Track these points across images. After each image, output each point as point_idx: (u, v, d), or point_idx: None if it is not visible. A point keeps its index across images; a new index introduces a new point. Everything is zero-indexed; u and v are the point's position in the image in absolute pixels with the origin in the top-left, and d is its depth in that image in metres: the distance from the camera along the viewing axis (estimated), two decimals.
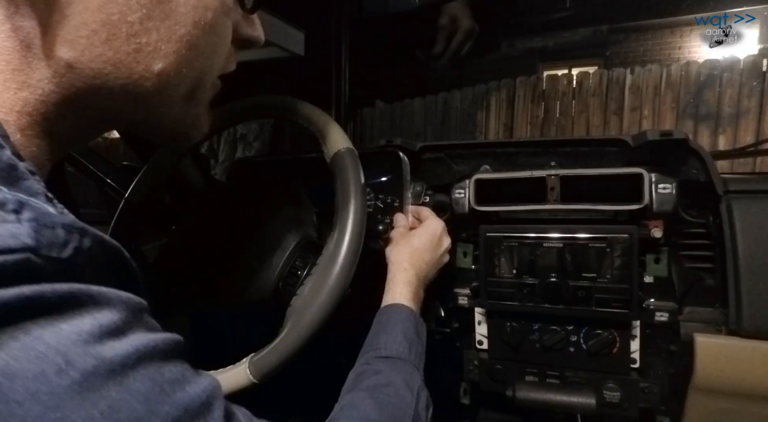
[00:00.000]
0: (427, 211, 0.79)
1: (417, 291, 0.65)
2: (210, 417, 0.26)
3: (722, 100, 3.14)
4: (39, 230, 0.21)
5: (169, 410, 0.23)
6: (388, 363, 0.53)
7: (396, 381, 0.51)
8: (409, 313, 0.60)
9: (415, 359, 0.56)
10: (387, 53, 3.71)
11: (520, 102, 3.83)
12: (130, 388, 0.22)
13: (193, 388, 0.25)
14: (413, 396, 0.50)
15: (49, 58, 0.27)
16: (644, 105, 3.38)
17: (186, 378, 0.26)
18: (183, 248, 0.69)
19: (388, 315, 0.60)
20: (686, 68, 3.26)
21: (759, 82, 3.04)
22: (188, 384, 0.25)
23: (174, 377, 0.25)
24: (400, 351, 0.55)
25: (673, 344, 0.76)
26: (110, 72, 0.28)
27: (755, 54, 3.25)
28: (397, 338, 0.56)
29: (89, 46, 0.27)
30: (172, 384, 0.24)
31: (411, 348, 0.56)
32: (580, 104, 3.60)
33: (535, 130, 3.75)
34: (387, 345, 0.55)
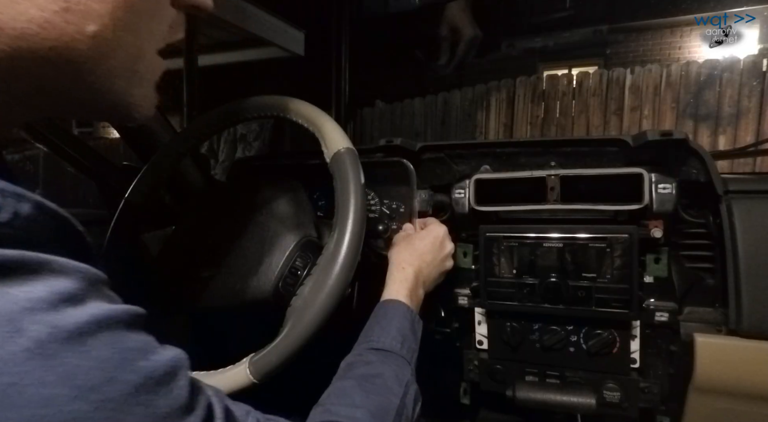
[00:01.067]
0: (433, 220, 0.81)
1: (414, 290, 0.66)
2: (174, 386, 0.26)
3: (722, 100, 3.14)
4: None
5: (130, 377, 0.23)
6: (379, 355, 0.55)
7: (385, 373, 0.52)
8: (405, 309, 0.61)
9: (407, 353, 0.56)
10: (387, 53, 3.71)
11: (520, 102, 3.83)
12: (89, 355, 0.22)
13: (158, 357, 0.25)
14: (401, 387, 0.51)
15: None
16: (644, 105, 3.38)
17: (150, 348, 0.26)
18: (183, 248, 0.69)
19: (385, 310, 0.61)
20: (686, 68, 3.26)
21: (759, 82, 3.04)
22: (152, 353, 0.25)
23: (137, 346, 0.25)
24: (393, 344, 0.56)
25: (673, 344, 0.76)
26: (36, 32, 0.25)
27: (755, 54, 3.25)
28: (391, 332, 0.57)
29: (9, 3, 0.24)
30: (134, 352, 0.24)
31: (404, 343, 0.57)
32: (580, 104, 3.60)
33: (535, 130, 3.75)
34: (380, 338, 0.56)
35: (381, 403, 0.48)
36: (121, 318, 0.25)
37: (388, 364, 0.54)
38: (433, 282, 0.72)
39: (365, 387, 0.49)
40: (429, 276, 0.70)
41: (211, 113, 0.71)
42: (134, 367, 0.24)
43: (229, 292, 0.61)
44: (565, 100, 3.67)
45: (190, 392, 0.27)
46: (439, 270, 0.73)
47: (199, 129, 0.73)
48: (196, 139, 0.75)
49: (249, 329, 0.88)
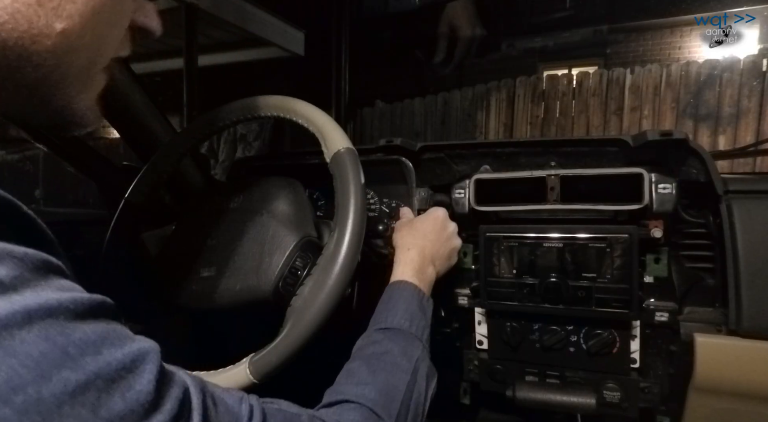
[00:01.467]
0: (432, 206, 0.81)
1: (421, 269, 0.65)
2: (134, 382, 0.23)
3: (722, 100, 3.14)
4: None
5: (70, 375, 0.21)
6: (387, 334, 0.55)
7: (393, 350, 0.52)
8: (412, 289, 0.61)
9: (416, 331, 0.56)
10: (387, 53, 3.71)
11: (520, 102, 3.83)
12: (16, 351, 0.20)
13: (114, 351, 0.23)
14: (410, 363, 0.51)
15: None
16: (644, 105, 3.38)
17: (106, 341, 0.23)
18: (183, 248, 0.69)
19: (391, 293, 0.61)
20: (686, 68, 3.27)
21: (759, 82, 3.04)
22: (107, 346, 0.23)
23: (86, 338, 0.22)
24: (400, 323, 0.56)
25: (673, 344, 0.76)
26: (6, 21, 0.26)
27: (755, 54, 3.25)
28: (398, 312, 0.57)
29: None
30: (79, 347, 0.22)
31: (412, 321, 0.57)
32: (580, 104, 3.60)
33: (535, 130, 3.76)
34: (388, 319, 0.57)
35: (388, 379, 0.48)
36: (66, 308, 0.22)
37: (395, 342, 0.54)
38: (442, 261, 0.71)
39: (372, 365, 0.50)
40: (437, 255, 0.70)
41: (211, 113, 0.71)
42: (78, 364, 0.21)
43: (229, 292, 0.61)
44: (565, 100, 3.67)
45: (155, 388, 0.24)
46: (446, 248, 0.72)
47: (199, 129, 0.73)
48: (196, 139, 0.75)
49: (249, 329, 0.88)
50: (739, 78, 3.09)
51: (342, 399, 0.45)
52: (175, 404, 0.26)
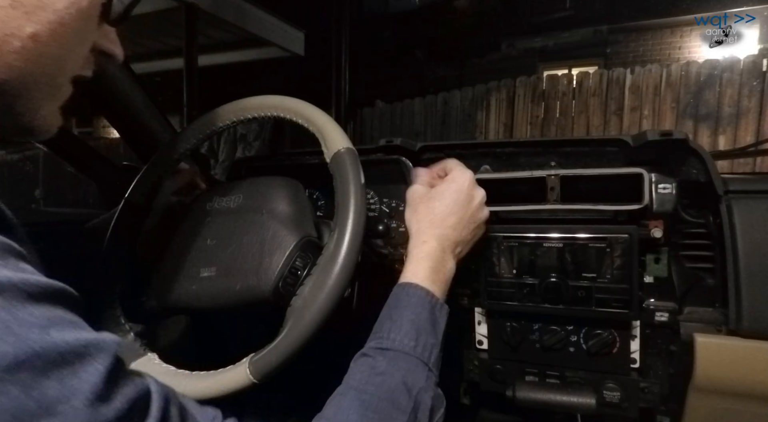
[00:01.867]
0: (453, 162, 0.68)
1: (439, 266, 0.56)
2: (80, 370, 0.23)
3: (722, 100, 3.14)
4: None
5: (7, 349, 0.21)
6: (387, 357, 0.47)
7: (390, 382, 0.45)
8: (423, 296, 0.53)
9: (422, 353, 0.48)
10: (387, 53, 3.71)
11: (520, 102, 3.83)
12: None
13: (62, 335, 0.23)
14: (410, 400, 0.45)
15: None
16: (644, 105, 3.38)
17: (54, 324, 0.23)
18: (183, 248, 0.69)
19: (398, 298, 0.53)
20: (686, 68, 3.27)
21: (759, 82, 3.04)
22: (56, 330, 0.23)
23: (32, 319, 0.22)
24: (404, 343, 0.48)
25: (673, 344, 0.76)
26: None
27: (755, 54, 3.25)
28: (403, 327, 0.49)
29: None
30: (24, 325, 0.22)
31: (418, 340, 0.49)
32: (580, 104, 3.60)
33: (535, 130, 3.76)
34: (390, 335, 0.49)
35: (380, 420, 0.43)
36: (16, 286, 0.23)
37: (395, 369, 0.46)
38: (467, 245, 0.62)
39: (364, 403, 0.43)
40: (459, 241, 0.60)
41: (211, 113, 0.71)
42: (18, 340, 0.21)
43: (229, 292, 0.61)
44: (565, 100, 3.67)
45: (104, 381, 0.24)
46: (470, 230, 0.61)
47: (199, 129, 0.73)
48: (196, 139, 0.75)
49: (249, 329, 0.88)
50: (739, 78, 3.09)
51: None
52: (125, 403, 0.25)
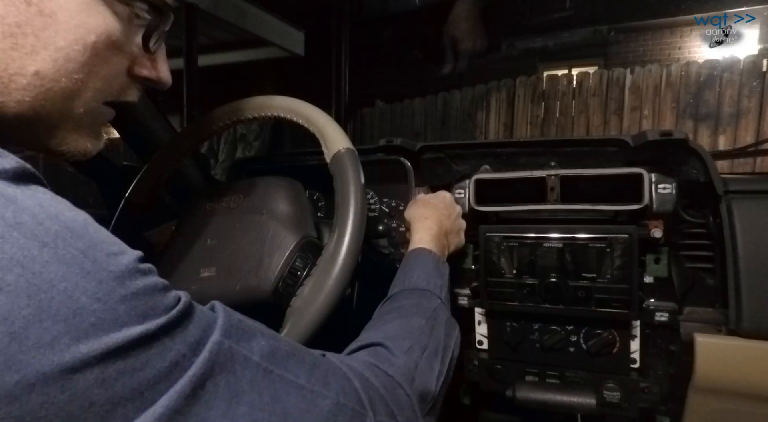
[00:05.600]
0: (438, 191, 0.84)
1: (438, 237, 0.68)
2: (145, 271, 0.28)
3: (722, 100, 3.14)
4: None
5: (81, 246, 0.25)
6: (403, 293, 0.57)
7: (409, 303, 0.55)
8: (427, 254, 0.64)
9: (434, 288, 0.58)
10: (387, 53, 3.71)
11: (520, 102, 3.83)
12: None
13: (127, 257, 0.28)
14: (426, 311, 0.53)
15: None
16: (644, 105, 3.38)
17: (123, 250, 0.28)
18: (183, 248, 0.69)
19: (408, 260, 0.63)
20: (686, 68, 3.26)
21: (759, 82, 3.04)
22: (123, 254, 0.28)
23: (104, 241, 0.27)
24: (417, 283, 0.58)
25: (673, 344, 0.76)
26: None
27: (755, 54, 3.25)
28: (414, 275, 0.60)
29: None
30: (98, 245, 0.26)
31: (429, 281, 0.59)
32: (580, 104, 3.60)
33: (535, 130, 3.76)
34: (405, 281, 0.59)
35: (402, 322, 0.50)
36: None
37: (412, 298, 0.56)
38: (454, 236, 0.74)
39: (387, 316, 0.53)
40: (450, 228, 0.73)
41: (211, 113, 0.71)
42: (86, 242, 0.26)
43: (229, 292, 0.61)
44: (565, 100, 3.67)
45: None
46: (457, 225, 0.75)
47: (199, 129, 0.73)
48: (196, 139, 0.75)
49: None
50: (739, 78, 3.09)
51: (355, 348, 0.47)
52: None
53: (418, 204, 0.75)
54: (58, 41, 0.32)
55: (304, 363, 0.33)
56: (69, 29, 0.32)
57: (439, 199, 0.76)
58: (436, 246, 0.66)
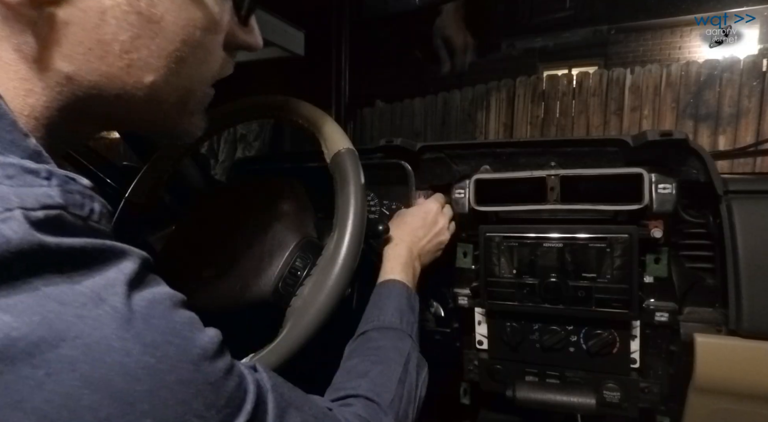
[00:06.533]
0: (432, 197, 0.84)
1: (409, 264, 0.68)
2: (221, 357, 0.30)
3: (722, 100, 3.14)
4: (65, 193, 0.26)
5: (185, 335, 0.28)
6: (379, 332, 0.58)
7: (385, 345, 0.56)
8: (400, 286, 0.64)
9: (406, 327, 0.59)
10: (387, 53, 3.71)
11: (520, 102, 3.83)
12: (151, 323, 0.27)
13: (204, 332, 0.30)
14: (401, 357, 0.55)
15: (50, 71, 0.30)
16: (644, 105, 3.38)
17: (196, 323, 0.30)
18: (183, 248, 0.69)
19: (380, 292, 0.63)
20: (686, 68, 3.26)
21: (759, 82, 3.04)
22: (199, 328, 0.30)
23: (184, 319, 0.29)
24: (391, 321, 0.59)
25: (673, 344, 0.76)
26: (105, 84, 0.32)
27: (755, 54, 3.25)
28: (389, 310, 0.60)
29: (86, 62, 0.31)
30: (183, 321, 0.29)
31: (402, 318, 0.59)
32: (580, 104, 3.60)
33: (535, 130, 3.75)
34: (379, 317, 0.59)
35: (382, 371, 0.52)
36: (168, 297, 0.29)
37: (387, 338, 0.57)
38: (428, 256, 0.74)
39: (366, 359, 0.53)
40: (423, 250, 0.73)
41: (211, 113, 0.71)
42: (184, 334, 0.28)
43: (229, 292, 0.61)
44: (565, 100, 3.67)
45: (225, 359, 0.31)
46: (433, 244, 0.75)
47: None
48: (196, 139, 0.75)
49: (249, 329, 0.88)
50: (739, 78, 3.09)
51: (342, 395, 0.48)
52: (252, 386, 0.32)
53: (393, 224, 0.74)
54: (168, 47, 0.33)
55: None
56: (177, 32, 0.33)
57: (417, 217, 0.75)
58: (406, 275, 0.66)
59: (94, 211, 0.28)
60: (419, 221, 0.75)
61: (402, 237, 0.71)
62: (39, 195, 0.25)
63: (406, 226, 0.73)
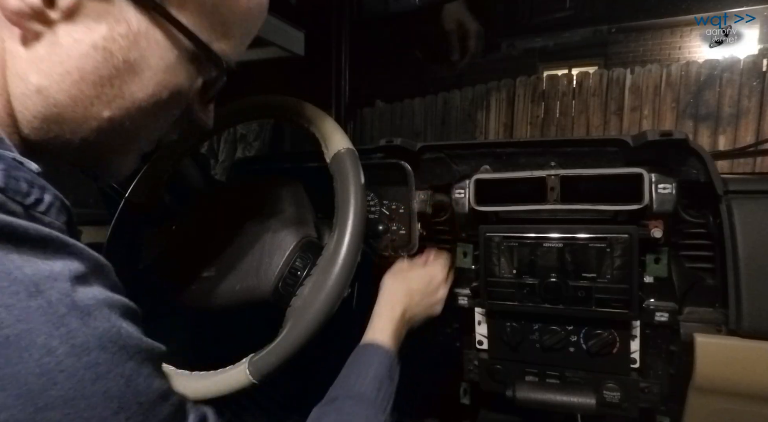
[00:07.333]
0: (440, 258, 0.79)
1: (399, 330, 0.65)
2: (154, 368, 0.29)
3: (722, 100, 3.14)
4: (8, 178, 0.26)
5: (124, 344, 0.27)
6: (352, 403, 0.53)
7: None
8: (385, 352, 0.60)
9: (381, 401, 0.55)
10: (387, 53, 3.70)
11: (520, 102, 3.83)
12: (89, 324, 0.25)
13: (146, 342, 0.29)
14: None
15: (21, 80, 0.33)
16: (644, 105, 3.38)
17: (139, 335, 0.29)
18: (183, 248, 0.69)
19: (364, 354, 0.60)
20: (686, 68, 3.26)
21: (759, 82, 3.04)
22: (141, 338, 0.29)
23: (129, 331, 0.28)
24: (368, 392, 0.54)
25: (673, 344, 0.76)
26: (68, 105, 0.34)
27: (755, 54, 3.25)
28: (368, 378, 0.56)
29: (60, 81, 0.33)
30: (127, 332, 0.28)
31: (380, 389, 0.55)
32: (580, 104, 3.60)
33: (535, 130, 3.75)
34: (356, 385, 0.55)
35: None
36: (118, 303, 0.28)
37: (359, 417, 0.53)
38: (417, 323, 0.71)
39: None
40: (414, 317, 0.69)
41: None
42: (125, 342, 0.27)
43: (229, 292, 0.61)
44: (565, 100, 3.67)
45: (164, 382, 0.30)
46: (425, 313, 0.72)
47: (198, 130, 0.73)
48: (197, 139, 0.75)
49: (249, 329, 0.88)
50: (739, 78, 3.09)
51: None
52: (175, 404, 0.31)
53: (396, 279, 0.71)
54: (136, 93, 0.36)
55: None
56: (149, 85, 0.36)
57: (421, 280, 0.72)
58: (393, 340, 0.62)
59: (42, 202, 0.28)
60: (422, 285, 0.72)
61: (401, 298, 0.68)
62: None
63: (409, 290, 0.69)
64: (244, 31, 0.41)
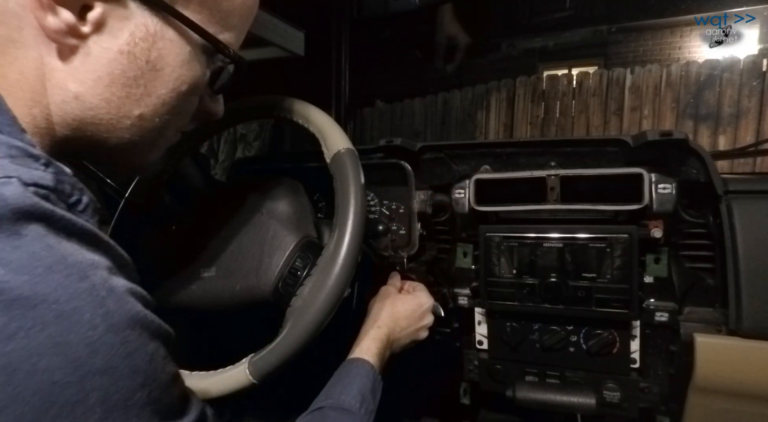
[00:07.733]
0: (422, 287, 0.80)
1: (383, 350, 0.66)
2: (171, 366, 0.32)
3: (722, 100, 3.14)
4: (57, 181, 0.30)
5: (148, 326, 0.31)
6: (335, 414, 0.55)
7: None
8: (369, 370, 0.61)
9: (364, 414, 0.57)
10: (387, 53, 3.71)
11: (520, 102, 3.83)
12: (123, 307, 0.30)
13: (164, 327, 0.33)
14: None
15: (60, 89, 0.36)
16: (644, 105, 3.38)
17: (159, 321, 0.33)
18: (183, 248, 0.69)
19: (349, 369, 0.61)
20: (686, 68, 3.26)
21: (759, 82, 3.04)
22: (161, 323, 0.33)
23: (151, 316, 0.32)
24: (351, 404, 0.56)
25: (673, 344, 0.76)
26: (103, 107, 0.38)
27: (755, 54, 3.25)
28: (352, 392, 0.58)
29: (93, 86, 0.37)
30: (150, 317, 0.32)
31: (363, 403, 0.57)
32: (580, 104, 3.60)
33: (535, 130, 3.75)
34: (341, 397, 0.57)
35: None
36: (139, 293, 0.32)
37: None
38: (401, 348, 0.72)
39: None
40: (399, 341, 0.71)
41: None
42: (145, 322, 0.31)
43: (229, 292, 0.61)
44: (565, 100, 3.67)
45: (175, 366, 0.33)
46: (410, 339, 0.73)
47: (199, 129, 0.73)
48: (197, 139, 0.75)
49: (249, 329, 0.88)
50: (739, 78, 3.09)
51: None
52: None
53: (384, 303, 0.72)
54: (159, 90, 0.40)
55: None
56: (170, 80, 0.40)
57: (408, 307, 0.73)
58: (378, 359, 0.64)
59: (81, 202, 0.32)
60: (409, 312, 0.73)
61: (387, 321, 0.69)
62: (35, 175, 0.29)
63: (395, 313, 0.71)
64: (243, 20, 0.45)
